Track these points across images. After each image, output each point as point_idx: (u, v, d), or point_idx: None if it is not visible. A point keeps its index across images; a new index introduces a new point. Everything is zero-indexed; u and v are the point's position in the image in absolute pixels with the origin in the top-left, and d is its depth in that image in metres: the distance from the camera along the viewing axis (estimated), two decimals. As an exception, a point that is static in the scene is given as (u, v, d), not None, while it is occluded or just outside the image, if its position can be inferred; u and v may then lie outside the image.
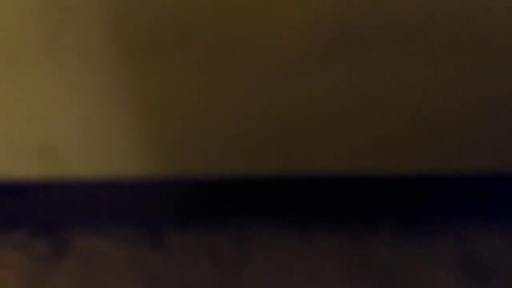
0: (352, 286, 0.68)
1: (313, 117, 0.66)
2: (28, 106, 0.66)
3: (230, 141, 0.68)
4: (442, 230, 0.73)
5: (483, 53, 0.63)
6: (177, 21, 0.61)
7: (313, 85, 0.64)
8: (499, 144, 0.67)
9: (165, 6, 0.60)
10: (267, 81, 0.65)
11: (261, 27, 0.62)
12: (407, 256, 0.70)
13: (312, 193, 0.75)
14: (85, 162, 0.69)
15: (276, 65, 0.64)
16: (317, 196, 0.75)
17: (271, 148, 0.68)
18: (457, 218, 0.73)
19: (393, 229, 0.73)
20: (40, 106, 0.66)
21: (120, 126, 0.67)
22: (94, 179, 0.71)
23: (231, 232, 0.73)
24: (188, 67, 0.64)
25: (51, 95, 0.65)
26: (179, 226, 0.73)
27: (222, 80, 0.65)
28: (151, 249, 0.72)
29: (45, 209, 0.75)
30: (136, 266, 0.70)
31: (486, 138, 0.67)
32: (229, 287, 0.68)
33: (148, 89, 0.65)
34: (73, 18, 0.61)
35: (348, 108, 0.66)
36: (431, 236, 0.72)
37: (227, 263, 0.70)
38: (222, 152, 0.68)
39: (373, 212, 0.74)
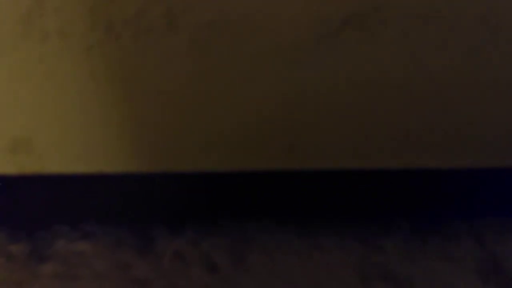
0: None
1: (318, 106, 0.64)
2: (0, 96, 0.63)
3: (225, 134, 0.66)
4: (459, 232, 0.70)
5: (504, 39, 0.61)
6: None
7: (316, 70, 0.62)
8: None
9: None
10: (266, 66, 0.62)
11: (259, 6, 0.59)
12: (421, 261, 0.68)
13: (317, 192, 0.72)
14: (63, 157, 0.66)
15: (276, 48, 0.61)
16: (322, 196, 0.72)
17: (271, 141, 0.66)
18: (475, 219, 0.71)
19: (407, 232, 0.71)
20: (15, 95, 0.63)
21: (102, 118, 0.65)
22: (76, 177, 0.69)
23: (227, 236, 0.71)
24: (176, 52, 0.61)
25: (26, 83, 0.63)
26: (169, 228, 0.72)
27: (215, 67, 0.62)
28: (138, 254, 0.70)
29: (24, 210, 0.73)
30: (122, 273, 0.68)
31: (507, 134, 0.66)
32: (225, 297, 0.67)
33: (132, 78, 0.62)
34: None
35: (354, 96, 0.64)
36: (447, 240, 0.70)
37: (223, 270, 0.68)
38: (216, 146, 0.66)
39: (384, 214, 0.72)
